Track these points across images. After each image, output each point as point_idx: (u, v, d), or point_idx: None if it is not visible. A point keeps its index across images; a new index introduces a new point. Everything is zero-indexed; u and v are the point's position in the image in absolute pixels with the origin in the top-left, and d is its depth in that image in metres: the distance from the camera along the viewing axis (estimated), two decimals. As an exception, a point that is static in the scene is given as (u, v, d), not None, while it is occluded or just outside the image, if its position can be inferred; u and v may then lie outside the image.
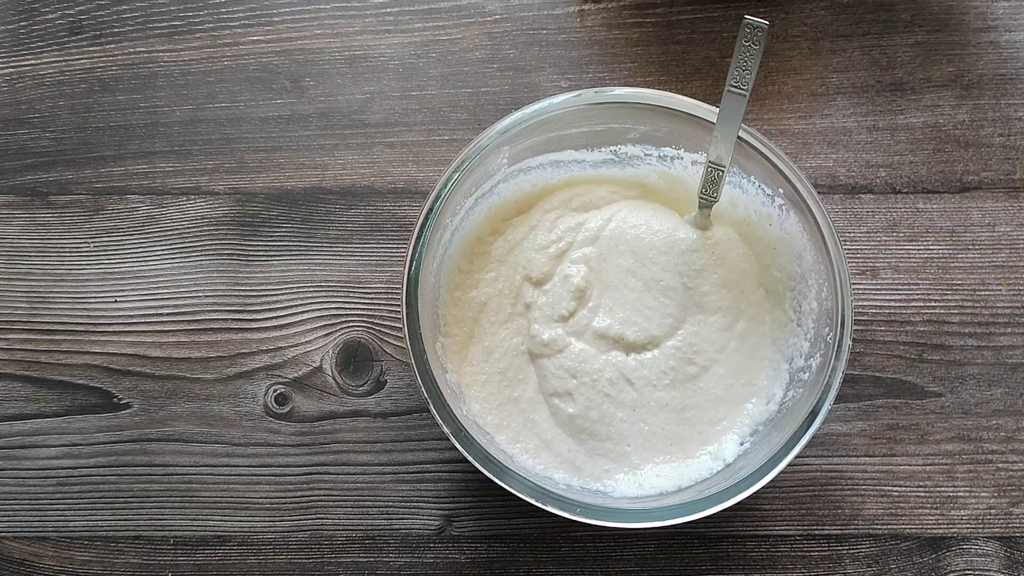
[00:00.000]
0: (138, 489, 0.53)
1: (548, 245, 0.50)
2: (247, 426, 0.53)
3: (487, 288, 0.49)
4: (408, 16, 0.59)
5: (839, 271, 0.45)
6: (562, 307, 0.48)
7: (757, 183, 0.48)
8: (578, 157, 0.51)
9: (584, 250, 0.49)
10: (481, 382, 0.48)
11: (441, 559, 0.51)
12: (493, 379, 0.48)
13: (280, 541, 0.52)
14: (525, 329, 0.49)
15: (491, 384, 0.48)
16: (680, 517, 0.42)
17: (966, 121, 0.57)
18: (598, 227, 0.50)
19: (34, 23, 0.59)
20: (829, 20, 0.59)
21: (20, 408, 0.54)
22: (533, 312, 0.49)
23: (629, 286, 0.49)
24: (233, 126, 0.57)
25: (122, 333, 0.54)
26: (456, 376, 0.48)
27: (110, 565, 0.52)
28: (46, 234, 0.56)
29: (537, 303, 0.49)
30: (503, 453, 0.46)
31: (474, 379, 0.48)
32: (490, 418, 0.48)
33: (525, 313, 0.49)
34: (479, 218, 0.50)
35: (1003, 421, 0.53)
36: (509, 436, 0.48)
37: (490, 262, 0.50)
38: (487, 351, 0.49)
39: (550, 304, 0.48)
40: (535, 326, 0.48)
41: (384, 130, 0.57)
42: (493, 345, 0.49)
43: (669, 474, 0.47)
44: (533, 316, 0.49)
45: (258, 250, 0.56)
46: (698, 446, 0.48)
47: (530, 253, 0.49)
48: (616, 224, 0.50)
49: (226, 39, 0.59)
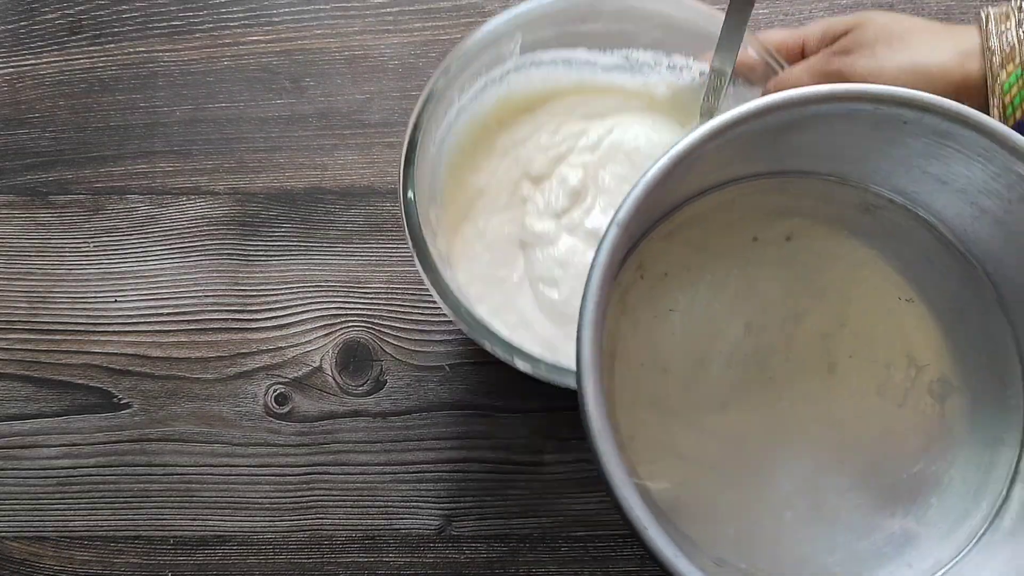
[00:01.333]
0: (138, 489, 0.53)
1: (550, 147, 0.50)
2: (247, 426, 0.53)
3: (487, 177, 0.50)
4: (408, 16, 0.59)
5: None
6: (557, 204, 0.49)
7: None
8: (590, 58, 0.51)
9: (583, 156, 0.50)
10: (470, 256, 0.49)
11: (441, 559, 0.51)
12: (482, 257, 0.49)
13: (280, 541, 0.52)
14: (519, 220, 0.50)
15: (479, 262, 0.49)
16: None
17: (966, 121, 0.57)
18: (599, 136, 0.50)
19: (34, 23, 0.59)
20: (829, 20, 0.59)
21: (20, 408, 0.54)
22: (528, 206, 0.50)
23: (623, 192, 0.49)
24: (233, 126, 0.57)
25: (122, 333, 0.54)
26: (446, 247, 0.48)
27: (110, 565, 0.52)
28: (46, 234, 0.56)
29: (533, 198, 0.50)
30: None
31: (463, 253, 0.49)
32: (473, 290, 0.48)
33: (521, 206, 0.50)
34: (487, 105, 0.51)
35: (1003, 421, 0.53)
36: (490, 309, 0.48)
37: (493, 154, 0.51)
38: (479, 232, 0.50)
39: (545, 200, 0.50)
40: (529, 218, 0.49)
41: (384, 130, 0.57)
42: (486, 229, 0.50)
43: None
44: (528, 209, 0.50)
45: (258, 250, 0.56)
46: None
47: (532, 152, 0.50)
48: (616, 135, 0.50)
49: (226, 39, 0.59)
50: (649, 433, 0.36)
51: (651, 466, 0.35)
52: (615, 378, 0.36)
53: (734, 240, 0.37)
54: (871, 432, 0.36)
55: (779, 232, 0.37)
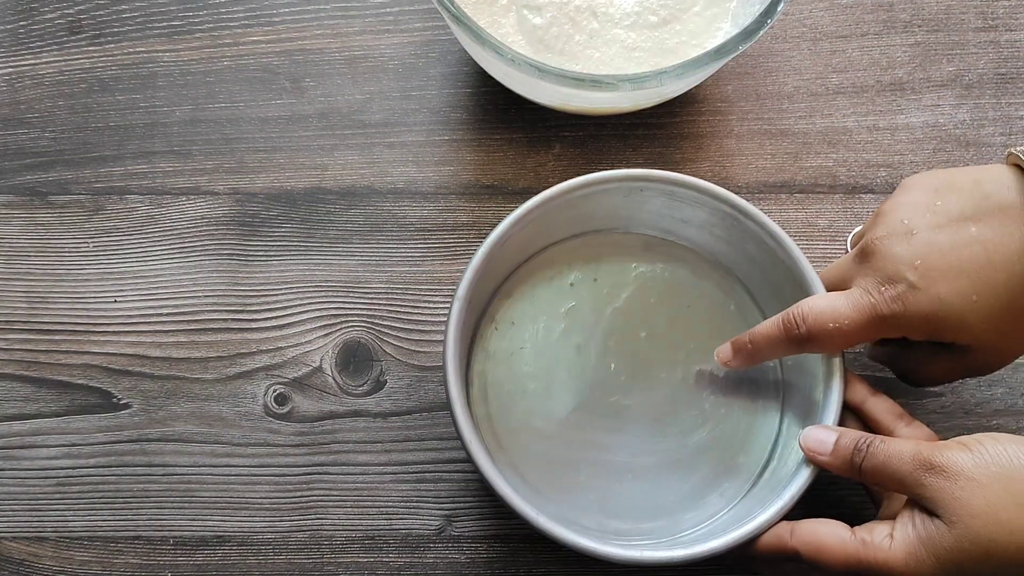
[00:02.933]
0: (138, 489, 0.52)
1: None
2: (247, 426, 0.53)
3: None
4: (408, 16, 0.59)
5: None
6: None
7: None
8: None
9: None
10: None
11: (441, 559, 0.51)
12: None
13: (280, 541, 0.52)
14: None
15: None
16: None
17: (966, 121, 0.57)
18: None
19: (33, 23, 0.59)
20: (828, 20, 0.59)
21: (19, 408, 0.54)
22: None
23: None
24: (233, 126, 0.57)
25: (122, 333, 0.54)
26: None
27: (109, 565, 0.52)
28: (45, 234, 0.56)
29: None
30: None
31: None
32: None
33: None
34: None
35: (1003, 421, 0.53)
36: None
37: None
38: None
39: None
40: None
41: (384, 130, 0.57)
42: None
43: None
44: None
45: (258, 250, 0.56)
46: None
47: None
48: None
49: (226, 39, 0.59)
50: (522, 441, 0.49)
51: (526, 462, 0.49)
52: (491, 404, 0.50)
53: (557, 287, 0.52)
54: (677, 408, 0.50)
55: (588, 275, 0.52)
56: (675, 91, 0.53)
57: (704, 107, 0.58)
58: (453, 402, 0.44)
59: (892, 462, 0.40)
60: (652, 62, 0.54)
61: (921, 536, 0.39)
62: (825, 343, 0.44)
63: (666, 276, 0.52)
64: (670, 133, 0.58)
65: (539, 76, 0.48)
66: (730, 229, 0.49)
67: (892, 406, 0.45)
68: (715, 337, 0.50)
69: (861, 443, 0.42)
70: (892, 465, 0.40)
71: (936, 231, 0.42)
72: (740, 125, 0.58)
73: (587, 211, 0.50)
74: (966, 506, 0.38)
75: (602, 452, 0.49)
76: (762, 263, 0.49)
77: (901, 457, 0.40)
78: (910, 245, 0.42)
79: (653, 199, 0.49)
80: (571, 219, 0.50)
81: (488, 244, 0.46)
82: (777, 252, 0.47)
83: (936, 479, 0.39)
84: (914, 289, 0.42)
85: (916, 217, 0.43)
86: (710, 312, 0.51)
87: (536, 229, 0.49)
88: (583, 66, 0.54)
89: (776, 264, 0.48)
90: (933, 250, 0.42)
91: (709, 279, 0.52)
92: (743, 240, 0.49)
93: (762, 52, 0.59)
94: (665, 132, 0.57)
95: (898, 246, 0.43)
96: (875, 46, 0.58)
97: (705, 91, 0.58)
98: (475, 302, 0.48)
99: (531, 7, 0.54)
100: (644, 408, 0.50)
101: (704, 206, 0.49)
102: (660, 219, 0.51)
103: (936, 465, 0.39)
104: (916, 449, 0.40)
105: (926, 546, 0.39)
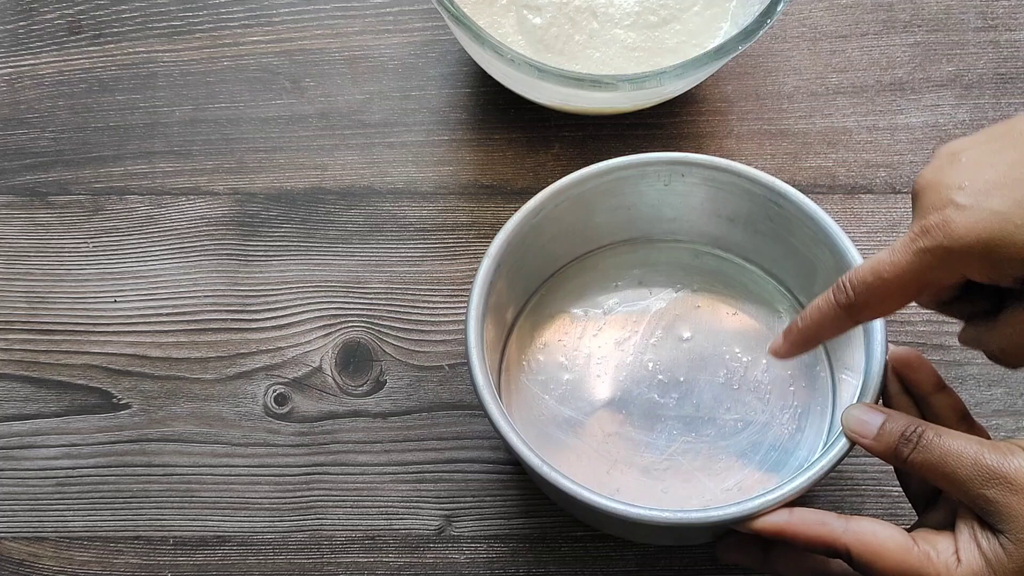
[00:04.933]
0: (138, 489, 0.52)
1: None
2: (247, 426, 0.53)
3: None
4: (408, 16, 0.59)
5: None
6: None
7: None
8: None
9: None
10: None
11: (441, 559, 0.51)
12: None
13: (280, 541, 0.52)
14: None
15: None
16: None
17: (966, 121, 0.57)
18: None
19: (33, 23, 0.59)
20: (828, 20, 0.59)
21: (19, 408, 0.54)
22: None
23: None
24: (233, 126, 0.57)
25: (122, 333, 0.54)
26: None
27: (109, 566, 0.52)
28: (45, 234, 0.56)
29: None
30: None
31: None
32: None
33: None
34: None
35: (1003, 421, 0.53)
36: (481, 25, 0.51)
37: None
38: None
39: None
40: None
41: (384, 130, 0.57)
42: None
43: None
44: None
45: (257, 250, 0.56)
46: None
47: None
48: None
49: (226, 39, 0.59)
50: (547, 431, 0.49)
51: (550, 453, 0.47)
52: (522, 391, 0.50)
53: (601, 286, 0.52)
54: (716, 410, 0.49)
55: (634, 278, 0.52)
56: (675, 91, 0.53)
57: (704, 107, 0.58)
58: (469, 323, 0.44)
59: (948, 461, 0.36)
60: (652, 62, 0.54)
61: (987, 557, 0.35)
62: (875, 304, 0.38)
63: (713, 283, 0.51)
64: (670, 133, 0.58)
65: (539, 76, 0.48)
66: (775, 221, 0.48)
67: (957, 403, 0.41)
68: (762, 342, 0.49)
69: (911, 432, 0.38)
70: (949, 466, 0.36)
71: (985, 147, 0.36)
72: (740, 125, 0.58)
73: (629, 202, 0.49)
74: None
75: (632, 450, 0.48)
76: (809, 259, 0.48)
77: (961, 459, 0.36)
78: (955, 169, 0.36)
79: (696, 189, 0.48)
80: (613, 211, 0.50)
81: (523, 212, 0.46)
82: (822, 239, 0.46)
83: (1001, 492, 0.35)
84: (961, 209, 0.35)
85: (963, 146, 0.37)
86: (757, 317, 0.50)
87: (576, 214, 0.48)
88: (583, 66, 0.54)
89: (823, 258, 0.46)
90: (983, 166, 0.35)
91: (757, 285, 0.51)
92: (789, 233, 0.48)
93: (762, 52, 0.59)
94: (665, 132, 0.58)
95: (942, 173, 0.36)
96: (875, 46, 0.58)
97: (705, 91, 0.58)
98: (516, 289, 0.48)
99: (531, 7, 0.54)
100: (680, 408, 0.49)
101: (747, 193, 0.47)
102: (707, 221, 0.50)
103: (1002, 475, 0.35)
104: (978, 452, 0.36)
105: (993, 569, 0.35)
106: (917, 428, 0.38)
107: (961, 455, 0.36)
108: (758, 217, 0.49)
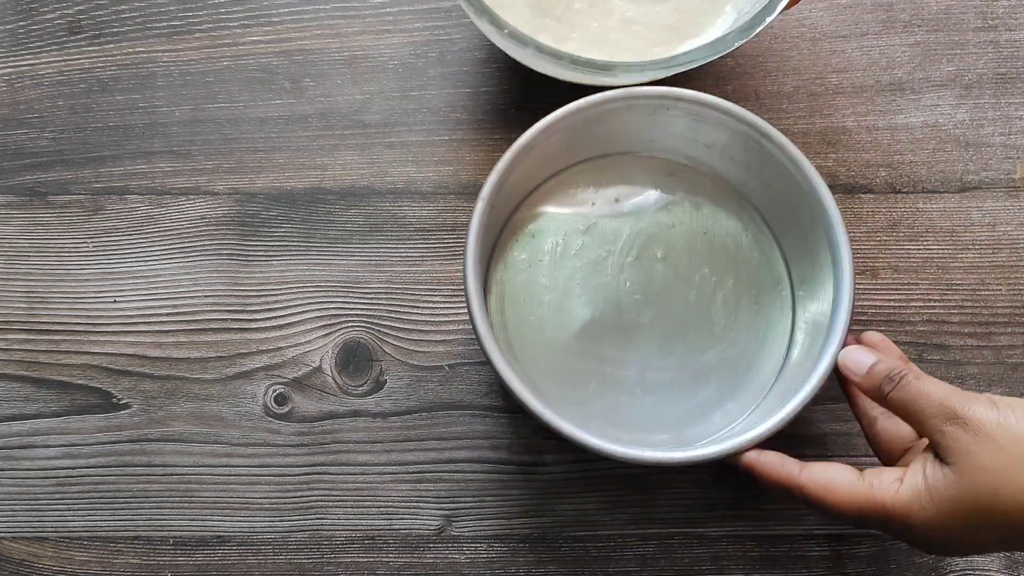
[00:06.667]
0: (137, 489, 0.52)
1: None
2: (247, 426, 0.53)
3: None
4: (408, 16, 0.59)
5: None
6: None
7: None
8: None
9: None
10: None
11: (441, 559, 0.51)
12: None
13: (280, 541, 0.52)
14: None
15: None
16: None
17: (966, 120, 0.57)
18: None
19: (33, 23, 0.59)
20: (828, 20, 0.59)
21: (19, 408, 0.54)
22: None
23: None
24: (232, 126, 0.57)
25: (121, 333, 0.54)
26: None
27: (109, 566, 0.52)
28: (45, 234, 0.56)
29: None
30: None
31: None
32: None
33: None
34: None
35: (1003, 421, 0.53)
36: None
37: None
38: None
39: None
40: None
41: (384, 130, 0.57)
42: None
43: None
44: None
45: (257, 250, 0.56)
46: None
47: None
48: None
49: (225, 39, 0.59)
50: (535, 351, 0.51)
51: (538, 372, 0.50)
52: (507, 312, 0.51)
53: (579, 204, 0.53)
54: (687, 328, 0.51)
55: (610, 195, 0.53)
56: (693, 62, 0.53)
57: (704, 107, 0.58)
58: (471, 297, 0.45)
59: (919, 400, 0.41)
60: (649, 37, 0.54)
61: (928, 483, 0.40)
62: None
63: (686, 201, 0.53)
64: (670, 133, 0.57)
65: (558, 63, 0.48)
66: (752, 154, 0.50)
67: (900, 354, 0.47)
68: (729, 263, 0.52)
69: (895, 373, 0.42)
70: (919, 403, 0.41)
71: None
72: (740, 125, 0.58)
73: (613, 129, 0.51)
74: (978, 460, 0.38)
75: (612, 366, 0.50)
76: (781, 191, 0.50)
77: (929, 399, 0.41)
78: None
79: (678, 120, 0.50)
80: (596, 136, 0.51)
81: (514, 150, 0.47)
82: (796, 178, 0.48)
83: (956, 429, 0.39)
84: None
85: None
86: (726, 239, 0.52)
87: (562, 142, 0.50)
88: (579, 34, 0.53)
89: (795, 192, 0.49)
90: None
91: (727, 206, 0.53)
92: (763, 166, 0.50)
93: (762, 52, 0.59)
94: (665, 132, 0.57)
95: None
96: (875, 46, 0.58)
97: (705, 90, 0.58)
98: (498, 210, 0.49)
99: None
100: (655, 326, 0.51)
101: (728, 128, 0.49)
102: (684, 144, 0.52)
103: (961, 416, 0.39)
104: (945, 394, 0.40)
105: (931, 493, 0.39)
106: (900, 370, 0.42)
107: (931, 395, 0.41)
108: (736, 149, 0.51)
